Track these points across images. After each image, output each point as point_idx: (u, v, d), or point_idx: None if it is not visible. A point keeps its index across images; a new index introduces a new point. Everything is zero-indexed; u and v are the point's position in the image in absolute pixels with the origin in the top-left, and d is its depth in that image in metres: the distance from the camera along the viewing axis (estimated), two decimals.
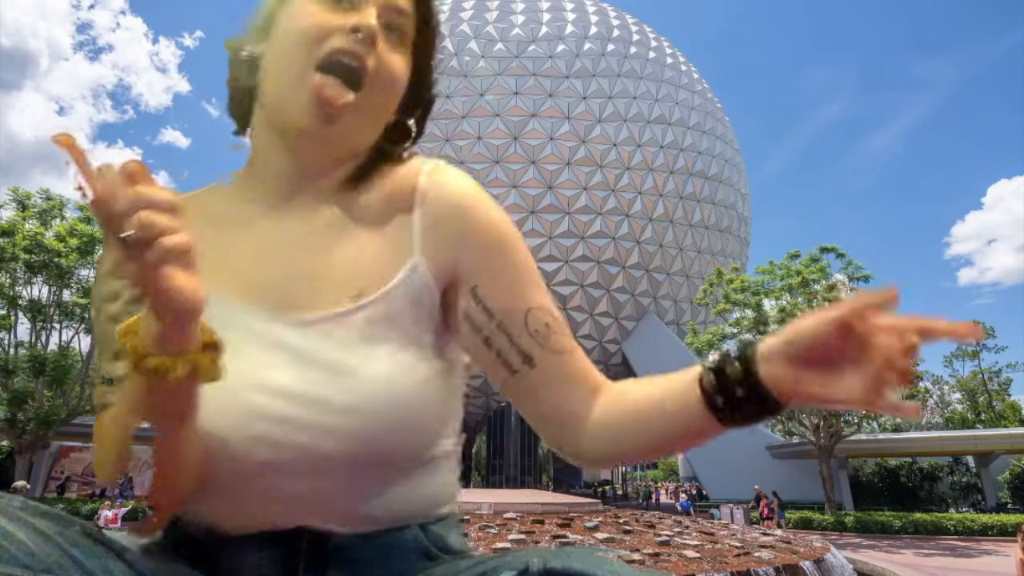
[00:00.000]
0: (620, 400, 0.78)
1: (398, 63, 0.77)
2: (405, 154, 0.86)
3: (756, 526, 15.97)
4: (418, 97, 0.84)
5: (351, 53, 0.71)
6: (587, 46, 38.87)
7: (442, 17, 0.87)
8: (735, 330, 24.31)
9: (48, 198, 21.17)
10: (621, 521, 6.98)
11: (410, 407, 0.70)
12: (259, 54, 0.78)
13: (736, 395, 0.64)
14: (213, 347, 0.55)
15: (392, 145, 0.85)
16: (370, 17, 0.72)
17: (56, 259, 19.78)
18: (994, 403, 42.04)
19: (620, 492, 56.47)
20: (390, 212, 0.78)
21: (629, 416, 0.75)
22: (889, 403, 0.56)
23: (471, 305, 0.77)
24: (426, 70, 0.84)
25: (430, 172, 0.80)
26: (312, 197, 0.79)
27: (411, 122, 0.87)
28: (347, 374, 0.68)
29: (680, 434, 0.71)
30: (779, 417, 25.81)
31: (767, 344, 0.63)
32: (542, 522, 6.28)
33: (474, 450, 49.31)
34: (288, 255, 0.75)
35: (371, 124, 0.78)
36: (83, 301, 20.89)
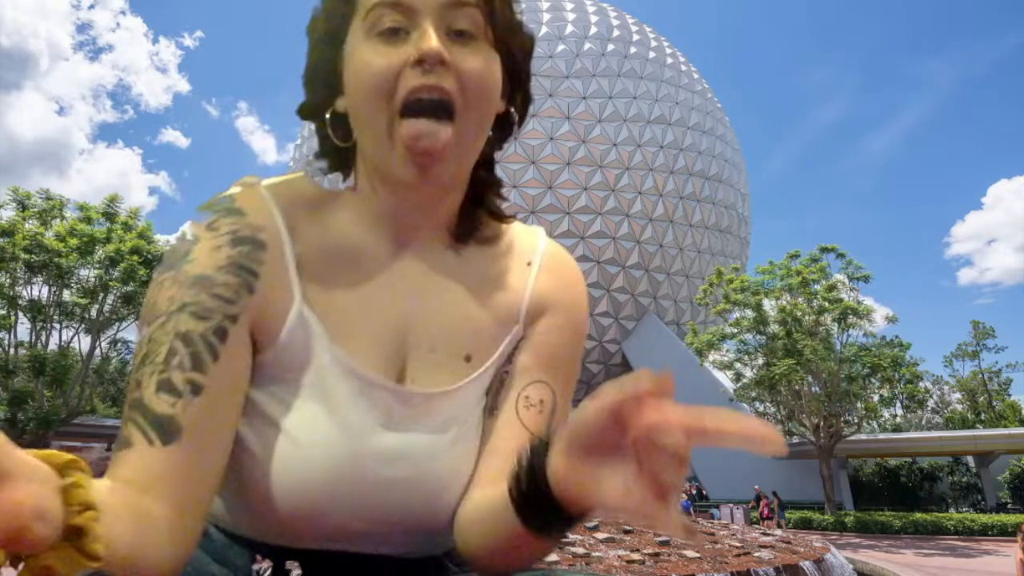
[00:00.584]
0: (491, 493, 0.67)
1: (480, 63, 0.69)
2: (505, 206, 0.84)
3: (756, 526, 15.97)
4: (516, 82, 0.78)
5: (428, 88, 0.65)
6: (587, 46, 38.88)
7: None
8: (735, 330, 24.31)
9: (48, 198, 21.15)
10: (621, 521, 6.98)
11: (461, 485, 0.74)
12: (343, 110, 0.74)
13: (522, 490, 0.55)
14: (76, 532, 0.40)
15: (491, 151, 0.81)
16: (429, 39, 0.65)
17: (56, 259, 19.76)
18: (994, 403, 42.05)
19: None
20: (503, 273, 0.80)
21: (483, 512, 0.67)
22: (659, 515, 0.43)
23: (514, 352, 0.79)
24: (515, 50, 0.75)
25: (549, 248, 0.84)
26: (428, 240, 0.77)
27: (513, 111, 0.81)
28: (432, 458, 0.71)
29: (506, 543, 0.62)
30: (779, 417, 25.88)
31: (560, 434, 0.52)
32: None
33: None
34: (411, 304, 0.74)
35: (476, 140, 0.73)
36: (83, 301, 20.88)
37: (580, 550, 4.90)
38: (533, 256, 0.82)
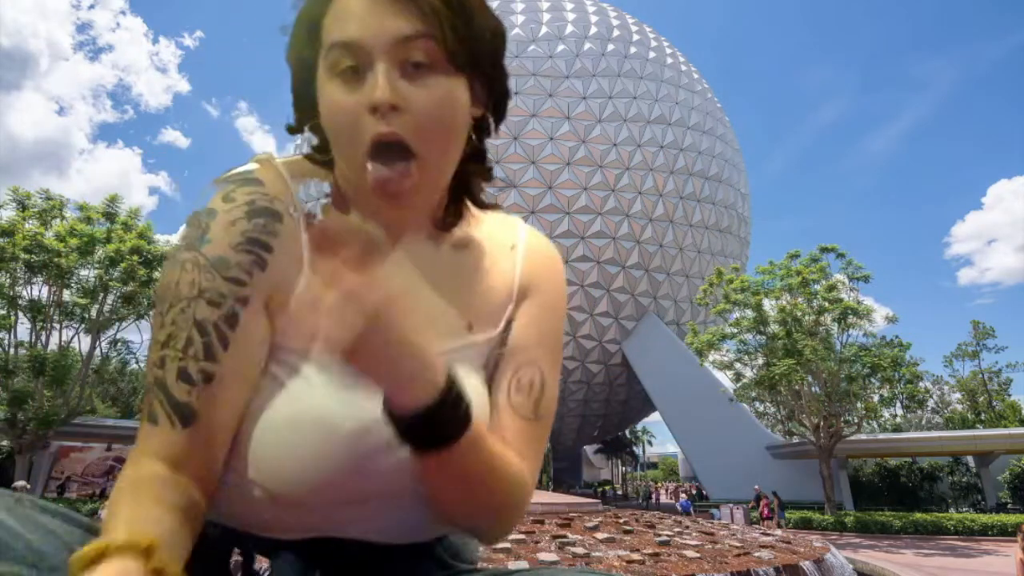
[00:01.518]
0: None
1: (436, 97, 0.69)
2: (507, 205, 0.87)
3: (756, 526, 15.97)
4: (488, 85, 0.79)
5: (384, 135, 0.67)
6: (587, 46, 38.87)
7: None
8: (735, 330, 24.30)
9: (48, 198, 21.14)
10: (621, 521, 6.98)
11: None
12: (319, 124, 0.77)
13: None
14: None
15: (473, 158, 0.83)
16: (380, 88, 0.66)
17: (56, 259, 19.76)
18: (994, 403, 42.03)
19: (620, 492, 56.54)
20: (492, 257, 0.85)
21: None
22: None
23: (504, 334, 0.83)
24: (480, 59, 0.75)
25: (530, 233, 0.90)
26: (415, 232, 0.81)
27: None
28: None
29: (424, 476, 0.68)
30: (779, 417, 25.80)
31: None
32: (542, 522, 6.28)
33: None
34: (411, 297, 0.77)
35: (446, 163, 0.75)
36: (83, 301, 20.88)
37: (580, 550, 4.90)
38: (516, 240, 0.87)
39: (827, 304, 22.18)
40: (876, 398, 22.84)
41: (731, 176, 41.88)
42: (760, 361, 24.28)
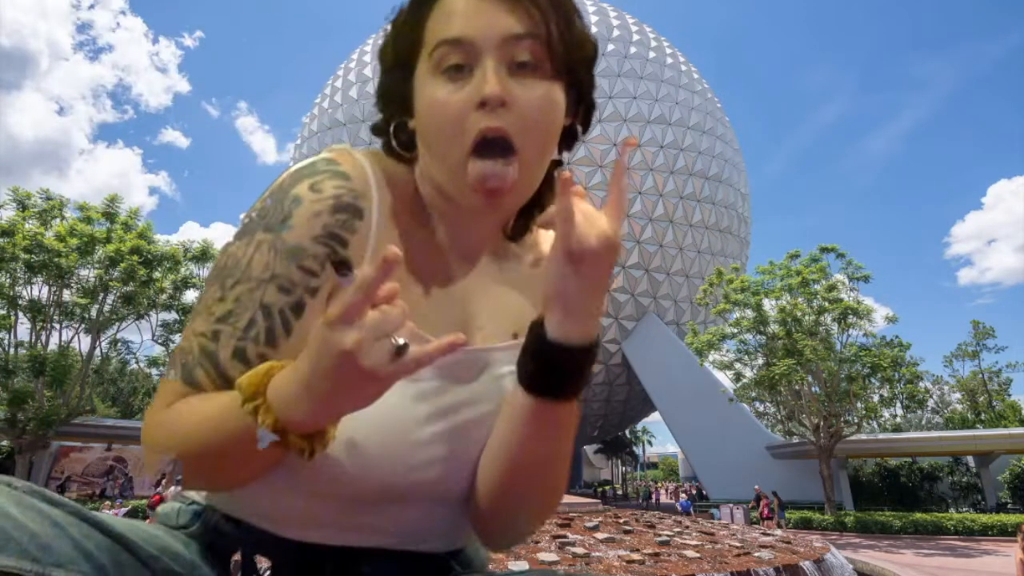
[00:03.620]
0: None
1: (540, 96, 0.70)
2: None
3: (756, 526, 15.97)
4: (579, 94, 0.79)
5: (490, 130, 0.68)
6: None
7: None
8: (735, 330, 24.30)
9: (48, 198, 21.13)
10: (621, 521, 6.99)
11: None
12: (412, 128, 0.77)
13: (528, 355, 0.65)
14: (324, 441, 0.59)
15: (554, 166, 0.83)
16: (489, 82, 0.67)
17: (56, 259, 19.75)
18: (994, 403, 42.02)
19: (620, 492, 56.53)
20: (540, 265, 0.86)
21: (496, 437, 0.74)
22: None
23: None
24: (577, 66, 0.76)
25: None
26: (481, 247, 0.83)
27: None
28: (468, 440, 0.74)
29: (524, 433, 0.69)
30: (779, 417, 25.76)
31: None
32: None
33: None
34: (465, 300, 0.79)
35: (540, 168, 0.76)
36: (83, 301, 20.88)
37: (580, 550, 4.90)
38: None
39: (827, 304, 22.18)
40: (876, 398, 22.86)
41: (731, 176, 41.87)
42: (760, 361, 24.28)
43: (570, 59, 0.74)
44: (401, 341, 0.52)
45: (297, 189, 0.71)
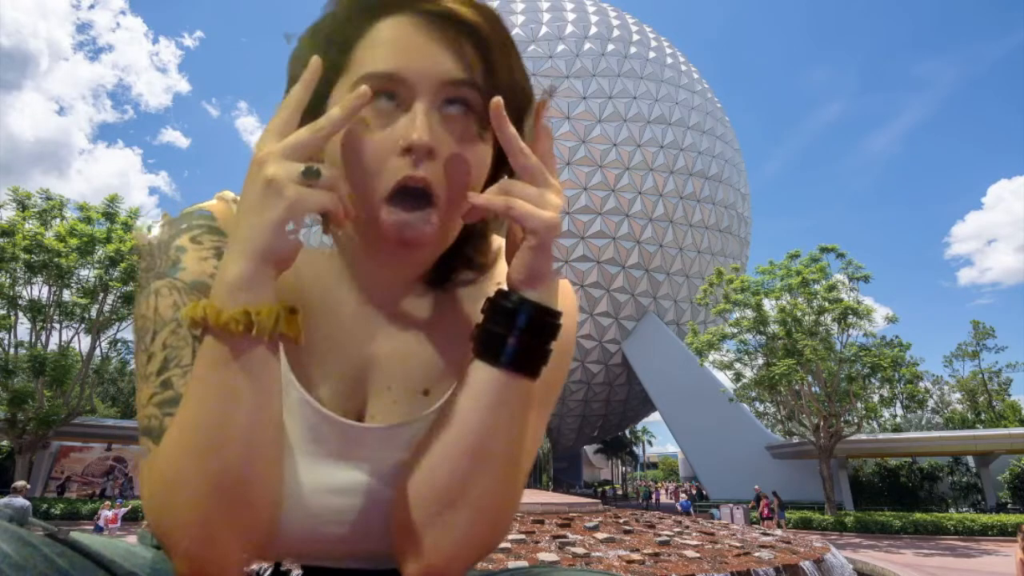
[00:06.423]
0: None
1: (468, 145, 0.66)
2: (491, 257, 0.80)
3: (756, 526, 15.97)
4: (501, 153, 0.72)
5: (412, 179, 0.63)
6: (587, 46, 38.87)
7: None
8: (735, 330, 24.30)
9: (48, 198, 21.15)
10: (621, 521, 6.99)
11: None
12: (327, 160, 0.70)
13: (486, 319, 0.65)
14: (290, 310, 0.58)
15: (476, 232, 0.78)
16: (419, 130, 0.62)
17: (56, 259, 19.77)
18: (994, 403, 42.02)
19: (620, 492, 56.53)
20: (477, 305, 0.73)
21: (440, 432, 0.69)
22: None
23: None
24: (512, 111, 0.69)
25: None
26: (399, 287, 0.76)
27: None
28: (387, 486, 0.70)
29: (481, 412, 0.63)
30: (779, 417, 25.73)
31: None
32: (542, 522, 6.28)
33: None
34: (373, 346, 0.74)
35: (456, 219, 0.71)
36: (83, 301, 20.89)
37: (580, 550, 4.90)
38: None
39: (827, 304, 22.18)
40: (876, 398, 22.85)
41: (731, 176, 41.88)
42: (760, 361, 24.29)
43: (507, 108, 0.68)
44: (316, 167, 0.53)
45: (179, 240, 0.70)
